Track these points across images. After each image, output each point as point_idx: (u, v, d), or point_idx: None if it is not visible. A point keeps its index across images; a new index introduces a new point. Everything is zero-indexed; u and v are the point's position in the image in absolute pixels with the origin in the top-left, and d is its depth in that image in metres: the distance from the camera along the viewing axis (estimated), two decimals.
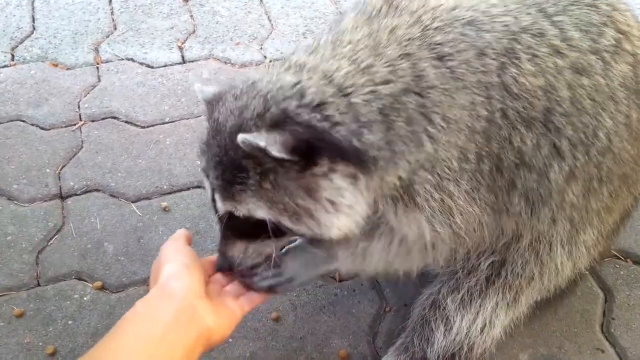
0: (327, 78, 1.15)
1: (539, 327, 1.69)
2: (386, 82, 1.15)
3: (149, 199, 1.99)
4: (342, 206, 1.15)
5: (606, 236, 1.56)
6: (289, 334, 1.67)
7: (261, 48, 2.61)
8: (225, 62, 2.52)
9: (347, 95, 1.13)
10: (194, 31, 2.66)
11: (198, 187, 2.02)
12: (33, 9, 2.71)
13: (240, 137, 1.05)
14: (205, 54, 2.55)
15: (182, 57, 2.53)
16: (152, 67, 2.47)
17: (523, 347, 1.65)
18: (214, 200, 1.22)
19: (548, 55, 1.22)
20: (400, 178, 1.19)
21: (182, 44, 2.59)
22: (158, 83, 2.39)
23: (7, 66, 2.43)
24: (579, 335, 1.68)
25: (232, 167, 1.13)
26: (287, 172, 1.10)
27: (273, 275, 1.39)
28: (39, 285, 1.75)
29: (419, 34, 1.18)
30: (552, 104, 1.23)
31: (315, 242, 1.33)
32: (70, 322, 1.67)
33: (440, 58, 1.17)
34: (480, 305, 1.49)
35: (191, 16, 2.73)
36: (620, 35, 1.31)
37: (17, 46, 2.53)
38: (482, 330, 1.50)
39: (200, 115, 2.26)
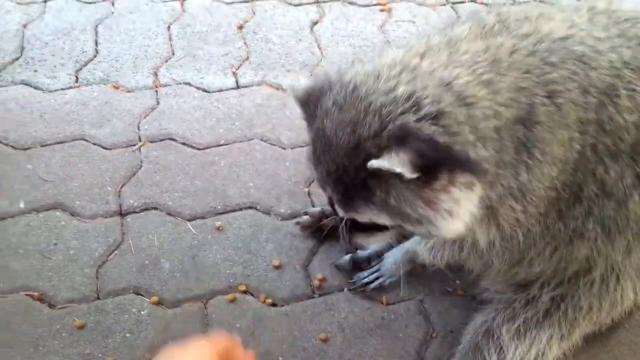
0: (444, 85, 1.15)
1: (587, 358, 1.68)
2: (507, 105, 1.17)
3: (204, 218, 2.07)
4: (458, 214, 1.19)
5: None
6: (337, 355, 1.71)
7: (311, 75, 2.69)
8: (277, 88, 2.60)
9: (467, 105, 1.15)
10: (247, 58, 2.75)
11: (250, 207, 2.10)
12: (96, 33, 2.85)
13: (374, 163, 1.09)
14: (258, 80, 2.63)
15: (236, 82, 2.62)
16: (207, 92, 2.56)
17: None
18: (333, 207, 1.31)
19: None
20: (489, 198, 1.23)
21: (236, 69, 2.68)
22: (214, 107, 2.48)
23: (72, 88, 2.56)
24: None
25: (353, 185, 1.19)
26: (408, 186, 1.14)
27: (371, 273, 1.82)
28: (98, 298, 1.83)
29: (536, 69, 1.20)
30: None
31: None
32: (128, 334, 1.74)
33: (550, 95, 1.19)
34: (535, 337, 1.50)
35: (245, 43, 2.83)
36: None
37: (81, 69, 2.66)
38: None
39: (253, 139, 2.34)
